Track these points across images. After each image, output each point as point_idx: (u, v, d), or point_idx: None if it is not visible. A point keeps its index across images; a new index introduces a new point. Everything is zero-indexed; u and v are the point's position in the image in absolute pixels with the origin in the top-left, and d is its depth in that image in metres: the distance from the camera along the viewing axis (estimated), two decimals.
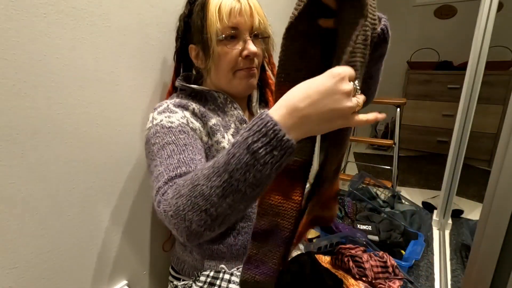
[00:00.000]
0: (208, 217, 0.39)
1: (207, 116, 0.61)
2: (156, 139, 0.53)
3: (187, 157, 0.50)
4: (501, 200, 0.63)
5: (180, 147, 0.51)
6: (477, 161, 2.57)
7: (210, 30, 0.58)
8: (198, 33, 0.61)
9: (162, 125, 0.54)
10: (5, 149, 0.48)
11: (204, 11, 0.58)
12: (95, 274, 0.68)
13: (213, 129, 0.61)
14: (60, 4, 0.52)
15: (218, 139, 0.61)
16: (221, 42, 0.59)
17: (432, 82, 2.67)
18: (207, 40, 0.59)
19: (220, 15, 0.57)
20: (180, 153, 0.50)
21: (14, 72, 0.47)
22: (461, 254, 1.40)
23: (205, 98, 0.66)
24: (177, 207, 0.40)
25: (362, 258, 1.04)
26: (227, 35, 0.58)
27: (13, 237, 0.52)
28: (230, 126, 0.65)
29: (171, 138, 0.52)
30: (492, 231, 0.65)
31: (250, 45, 0.60)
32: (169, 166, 0.48)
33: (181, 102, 0.60)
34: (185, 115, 0.58)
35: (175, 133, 0.53)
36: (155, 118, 0.57)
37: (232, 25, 0.58)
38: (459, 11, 2.72)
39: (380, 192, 1.79)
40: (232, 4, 0.57)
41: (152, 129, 0.55)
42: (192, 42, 0.64)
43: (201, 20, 0.59)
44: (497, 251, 0.65)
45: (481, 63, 1.33)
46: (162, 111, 0.58)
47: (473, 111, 1.39)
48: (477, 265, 0.69)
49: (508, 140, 0.61)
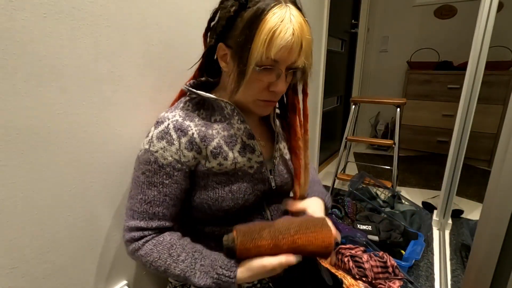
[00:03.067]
0: (158, 273, 0.58)
1: (207, 140, 0.59)
2: (146, 170, 0.58)
3: (161, 211, 0.59)
4: (501, 200, 0.63)
5: (162, 196, 0.58)
6: (477, 161, 2.57)
7: (252, 54, 0.52)
8: (237, 44, 0.54)
9: (156, 158, 0.57)
10: (5, 149, 0.48)
11: (255, 29, 0.51)
12: (95, 274, 0.68)
13: (213, 153, 0.60)
14: (60, 4, 0.52)
15: (220, 161, 0.60)
16: (255, 70, 0.54)
17: (432, 82, 2.67)
18: (244, 60, 0.53)
19: (270, 45, 0.51)
20: (159, 205, 0.58)
21: (14, 72, 0.47)
22: (461, 254, 1.40)
23: (213, 107, 0.63)
24: (145, 263, 0.58)
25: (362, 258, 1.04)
26: (266, 66, 0.54)
27: (13, 237, 0.52)
28: (237, 142, 0.62)
29: (158, 180, 0.58)
30: (492, 231, 0.65)
31: (281, 83, 0.57)
32: (145, 213, 0.58)
33: (183, 125, 0.58)
34: (180, 147, 0.58)
35: (162, 176, 0.58)
36: (152, 143, 0.58)
37: (276, 58, 0.53)
38: (459, 11, 2.72)
39: (380, 192, 1.79)
40: (286, 39, 0.51)
41: (147, 154, 0.58)
42: (225, 42, 0.58)
43: (247, 37, 0.52)
44: (497, 251, 0.65)
45: (481, 63, 1.33)
46: (161, 137, 0.57)
47: (473, 111, 1.39)
48: (477, 265, 0.69)
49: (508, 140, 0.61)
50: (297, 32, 0.52)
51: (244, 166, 0.62)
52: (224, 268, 0.54)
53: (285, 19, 0.51)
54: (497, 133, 2.44)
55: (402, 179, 2.27)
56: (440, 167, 2.33)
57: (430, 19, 2.83)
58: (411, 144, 2.88)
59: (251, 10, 0.52)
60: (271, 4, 0.52)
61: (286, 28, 0.51)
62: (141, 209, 0.58)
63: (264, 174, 0.66)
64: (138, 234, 0.58)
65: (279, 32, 0.51)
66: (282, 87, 0.58)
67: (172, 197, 0.59)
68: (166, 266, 0.56)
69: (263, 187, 0.66)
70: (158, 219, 0.59)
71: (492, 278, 0.67)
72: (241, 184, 0.62)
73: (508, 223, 0.63)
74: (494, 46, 1.82)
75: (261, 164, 0.65)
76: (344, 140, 1.92)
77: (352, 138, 1.94)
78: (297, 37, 0.52)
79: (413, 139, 2.87)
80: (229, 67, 0.59)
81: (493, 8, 1.25)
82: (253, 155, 0.64)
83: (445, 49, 2.76)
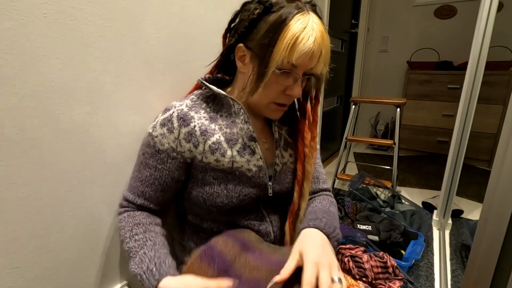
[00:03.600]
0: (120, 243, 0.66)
1: (207, 134, 0.61)
2: (145, 152, 0.63)
3: (148, 192, 0.63)
4: (501, 200, 0.63)
5: (152, 179, 0.63)
6: (477, 161, 2.57)
7: (274, 57, 0.54)
8: (259, 46, 0.56)
9: (154, 143, 0.62)
10: (5, 149, 0.48)
11: (278, 34, 0.53)
12: (95, 274, 0.68)
13: (211, 148, 0.60)
14: (60, 4, 0.52)
15: (217, 157, 0.60)
16: (274, 72, 0.56)
17: (432, 82, 2.67)
18: (265, 62, 0.55)
19: (292, 50, 0.53)
20: (148, 186, 0.63)
21: (14, 72, 0.47)
22: (461, 254, 1.40)
23: (221, 103, 0.65)
24: (117, 228, 0.65)
25: (362, 258, 1.04)
26: (285, 70, 0.56)
27: (13, 237, 0.52)
28: (237, 141, 0.63)
29: (153, 164, 0.62)
30: (492, 231, 0.65)
31: (297, 87, 0.58)
32: (136, 189, 0.64)
33: (187, 115, 0.61)
34: (179, 136, 0.60)
35: (157, 160, 0.62)
36: (155, 128, 0.62)
37: (296, 63, 0.55)
38: (459, 11, 2.71)
39: (380, 192, 1.79)
40: (309, 45, 0.53)
41: (149, 137, 0.63)
42: (245, 43, 0.59)
43: (270, 40, 0.54)
44: (497, 251, 0.65)
45: (481, 63, 1.33)
46: (164, 123, 0.61)
47: (473, 111, 1.39)
48: (477, 265, 0.69)
49: (508, 140, 0.61)
50: (319, 39, 0.54)
51: (242, 167, 0.62)
52: (157, 268, 0.52)
53: (307, 26, 0.53)
54: (497, 133, 2.44)
55: (402, 179, 2.27)
56: (440, 167, 2.33)
57: (430, 19, 2.83)
58: (411, 144, 2.88)
59: (276, 14, 0.54)
60: (295, 11, 0.54)
61: (309, 35, 0.53)
62: (134, 184, 0.64)
63: (262, 179, 0.65)
64: (124, 203, 0.65)
65: (301, 38, 0.52)
66: (298, 92, 0.59)
67: (161, 182, 0.63)
68: (123, 238, 0.60)
69: (259, 192, 0.65)
70: (144, 198, 0.63)
71: (492, 278, 0.67)
72: (237, 184, 0.62)
73: (508, 223, 0.63)
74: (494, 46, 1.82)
75: (260, 169, 0.64)
76: (344, 140, 1.92)
77: (352, 138, 1.94)
78: (318, 45, 0.54)
79: (413, 139, 2.87)
80: (247, 68, 0.60)
81: (493, 8, 1.25)
82: (253, 157, 0.63)
83: (445, 49, 2.75)
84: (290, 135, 0.73)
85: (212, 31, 0.88)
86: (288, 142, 0.71)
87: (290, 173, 0.70)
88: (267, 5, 0.55)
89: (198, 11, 0.82)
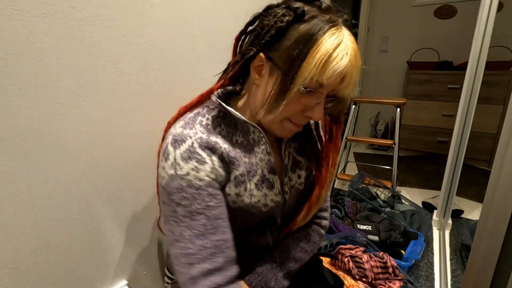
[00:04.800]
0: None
1: (235, 164, 0.52)
2: (181, 200, 0.47)
3: (220, 239, 0.48)
4: (501, 200, 0.63)
5: (212, 222, 0.48)
6: (477, 161, 2.57)
7: (302, 73, 0.46)
8: (285, 59, 0.48)
9: (189, 181, 0.47)
10: (5, 149, 0.48)
11: (309, 48, 0.46)
12: (95, 274, 0.68)
13: (238, 180, 0.53)
14: (60, 4, 0.52)
15: (240, 191, 0.53)
16: (300, 90, 0.48)
17: (432, 82, 2.67)
18: (290, 78, 0.47)
19: (324, 68, 0.46)
20: (213, 232, 0.48)
21: (14, 72, 0.47)
22: (461, 254, 1.40)
23: (235, 126, 0.56)
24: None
25: (362, 258, 1.04)
26: (310, 89, 0.48)
27: (13, 237, 0.52)
28: (256, 173, 0.55)
29: (201, 205, 0.48)
30: (492, 231, 0.65)
31: (319, 109, 0.51)
32: (203, 251, 0.47)
33: (209, 142, 0.50)
34: (214, 164, 0.49)
35: (204, 198, 0.48)
36: (179, 165, 0.47)
37: (324, 84, 0.48)
38: (459, 11, 2.72)
39: (380, 192, 1.79)
40: (343, 65, 0.46)
41: (175, 180, 0.47)
42: (265, 53, 0.51)
43: (300, 53, 0.46)
44: (497, 251, 0.65)
45: (481, 63, 1.33)
46: (187, 157, 0.48)
47: (473, 111, 1.39)
48: (477, 265, 0.69)
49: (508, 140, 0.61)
50: (352, 59, 0.48)
51: (259, 202, 0.56)
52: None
53: (342, 43, 0.47)
54: (497, 133, 2.44)
55: (402, 179, 2.27)
56: (440, 167, 2.33)
57: (430, 19, 2.83)
58: (411, 144, 2.88)
59: (307, 25, 0.47)
60: (328, 24, 0.47)
61: (343, 53, 0.46)
62: (196, 247, 0.47)
63: (275, 213, 0.60)
64: (205, 282, 0.47)
65: (335, 55, 0.46)
66: (319, 114, 0.52)
67: (224, 218, 0.50)
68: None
69: (267, 221, 0.62)
70: (220, 250, 0.48)
71: (492, 278, 0.67)
72: (248, 216, 0.57)
73: (508, 223, 0.63)
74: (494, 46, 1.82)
75: (277, 204, 0.59)
76: (344, 140, 1.92)
77: (352, 138, 1.94)
78: (351, 65, 0.48)
79: (413, 139, 2.87)
80: (263, 81, 0.52)
81: (493, 8, 1.25)
82: (271, 191, 0.57)
83: (445, 49, 2.76)
84: (298, 152, 0.65)
85: (213, 31, 0.88)
86: (296, 161, 0.64)
87: (296, 195, 0.64)
88: (299, 12, 0.47)
89: (198, 11, 0.82)
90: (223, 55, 0.94)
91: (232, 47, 0.61)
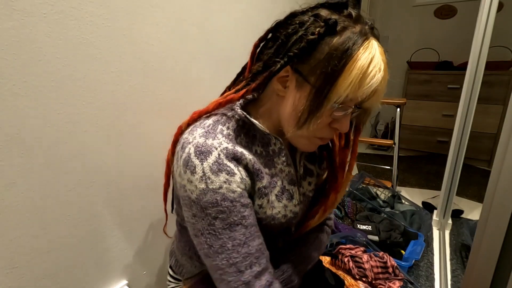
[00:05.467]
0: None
1: (260, 175, 0.51)
2: (218, 213, 0.47)
3: (259, 244, 0.50)
4: (501, 200, 0.63)
5: (250, 230, 0.49)
6: (477, 161, 2.57)
7: (337, 90, 0.44)
8: (315, 74, 0.46)
9: (223, 195, 0.46)
10: (5, 149, 0.48)
11: (343, 64, 0.44)
12: (95, 274, 0.68)
13: (261, 191, 0.51)
14: (60, 4, 0.52)
15: (262, 203, 0.52)
16: (332, 106, 0.46)
17: (432, 82, 2.67)
18: (324, 94, 0.45)
19: (359, 85, 0.44)
20: (253, 239, 0.49)
21: (14, 72, 0.47)
22: (461, 254, 1.40)
23: (254, 135, 0.53)
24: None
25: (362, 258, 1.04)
26: (342, 105, 0.47)
27: (13, 237, 0.52)
28: (276, 184, 0.54)
29: (238, 217, 0.48)
30: (492, 231, 0.65)
31: (346, 121, 0.50)
32: (249, 257, 0.48)
33: (235, 153, 0.48)
34: (242, 174, 0.48)
35: (239, 209, 0.48)
36: (209, 179, 0.46)
37: (356, 100, 0.47)
38: (459, 11, 2.72)
39: (380, 192, 1.79)
40: (377, 82, 0.45)
41: (208, 194, 0.46)
42: (292, 65, 0.48)
43: (334, 69, 0.44)
44: (497, 251, 0.65)
45: (481, 63, 1.33)
46: (218, 169, 0.46)
47: (473, 111, 1.39)
48: (477, 265, 0.69)
49: (508, 140, 0.61)
50: (384, 73, 0.46)
51: (279, 213, 0.55)
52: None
53: (374, 58, 0.45)
54: (497, 133, 2.44)
55: (402, 179, 2.27)
56: (440, 167, 2.33)
57: (430, 19, 2.83)
58: (411, 144, 2.88)
59: (340, 38, 0.45)
60: (361, 37, 0.45)
61: (376, 69, 0.45)
62: (240, 256, 0.47)
63: (291, 223, 0.60)
64: (258, 284, 0.48)
65: (369, 72, 0.44)
66: (347, 126, 0.50)
67: (256, 223, 0.51)
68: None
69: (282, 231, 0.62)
70: (262, 254, 0.50)
71: (492, 278, 0.67)
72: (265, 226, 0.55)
73: (508, 223, 0.63)
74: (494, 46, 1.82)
75: (295, 215, 0.58)
76: None
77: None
78: (382, 79, 0.46)
79: (413, 139, 2.87)
80: (288, 93, 0.50)
81: (493, 8, 1.25)
82: (290, 203, 0.56)
83: (445, 49, 2.75)
84: (309, 160, 0.64)
85: (212, 31, 0.88)
86: (307, 169, 0.63)
87: (307, 202, 0.64)
88: (331, 23, 0.44)
89: (198, 11, 0.82)
90: (222, 55, 0.94)
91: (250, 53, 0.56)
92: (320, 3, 0.49)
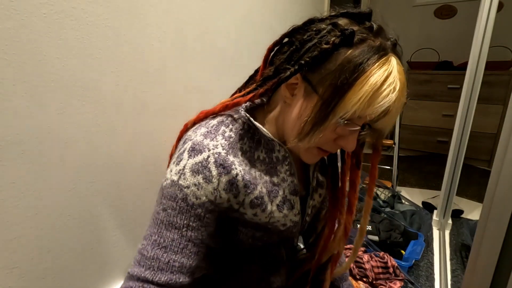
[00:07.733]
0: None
1: (251, 187, 0.49)
2: (168, 208, 0.46)
3: (177, 261, 0.46)
4: (501, 200, 0.63)
5: (183, 242, 0.46)
6: (477, 161, 2.57)
7: (345, 104, 0.42)
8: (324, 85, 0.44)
9: (185, 195, 0.45)
10: (5, 149, 0.48)
11: (355, 78, 0.42)
12: (95, 274, 0.68)
13: (253, 203, 0.50)
14: (60, 4, 0.52)
15: (256, 212, 0.51)
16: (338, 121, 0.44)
17: (432, 82, 2.67)
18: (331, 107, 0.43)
19: (369, 102, 0.42)
20: (177, 251, 0.46)
21: (14, 72, 0.47)
22: (461, 254, 1.40)
23: (259, 141, 0.52)
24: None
25: (362, 258, 1.04)
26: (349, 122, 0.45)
27: (13, 237, 0.52)
28: (278, 194, 0.52)
29: (182, 222, 0.46)
30: (492, 231, 0.65)
31: (353, 140, 0.48)
32: (154, 261, 0.45)
33: (226, 161, 0.46)
34: (219, 186, 0.46)
35: (190, 217, 0.46)
36: (184, 176, 0.45)
37: (364, 118, 0.45)
38: (459, 11, 2.72)
39: (380, 192, 1.79)
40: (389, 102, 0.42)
41: (174, 187, 0.46)
42: (302, 73, 0.46)
43: (345, 82, 0.42)
44: (497, 251, 0.65)
45: (481, 63, 1.33)
46: (197, 170, 0.45)
47: (473, 111, 1.39)
48: (477, 265, 0.69)
49: (508, 140, 0.61)
50: (400, 94, 0.43)
51: (278, 222, 0.54)
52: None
53: (390, 76, 0.42)
54: (497, 133, 2.44)
55: (402, 179, 2.27)
56: (440, 167, 2.32)
57: (430, 19, 2.83)
58: (411, 144, 2.88)
59: (355, 50, 0.43)
60: (378, 53, 0.43)
61: (390, 89, 0.42)
62: (151, 253, 0.45)
63: (293, 233, 0.59)
64: (137, 285, 0.45)
65: (382, 91, 0.42)
66: (352, 146, 0.48)
67: (197, 243, 0.48)
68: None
69: (286, 242, 0.61)
70: (170, 271, 0.46)
71: (492, 278, 0.67)
72: (265, 234, 0.55)
73: (508, 223, 0.63)
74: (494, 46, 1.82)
75: (295, 224, 0.57)
76: None
77: None
78: (398, 100, 0.43)
79: (413, 139, 2.87)
80: (296, 102, 0.48)
81: (493, 8, 1.25)
82: (291, 212, 0.55)
83: (445, 49, 2.76)
84: (321, 172, 0.63)
85: (214, 31, 0.88)
86: (319, 181, 0.62)
87: (316, 213, 0.64)
88: (348, 33, 0.42)
89: (198, 11, 0.82)
90: (223, 55, 0.94)
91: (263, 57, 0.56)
92: (342, 12, 0.48)
